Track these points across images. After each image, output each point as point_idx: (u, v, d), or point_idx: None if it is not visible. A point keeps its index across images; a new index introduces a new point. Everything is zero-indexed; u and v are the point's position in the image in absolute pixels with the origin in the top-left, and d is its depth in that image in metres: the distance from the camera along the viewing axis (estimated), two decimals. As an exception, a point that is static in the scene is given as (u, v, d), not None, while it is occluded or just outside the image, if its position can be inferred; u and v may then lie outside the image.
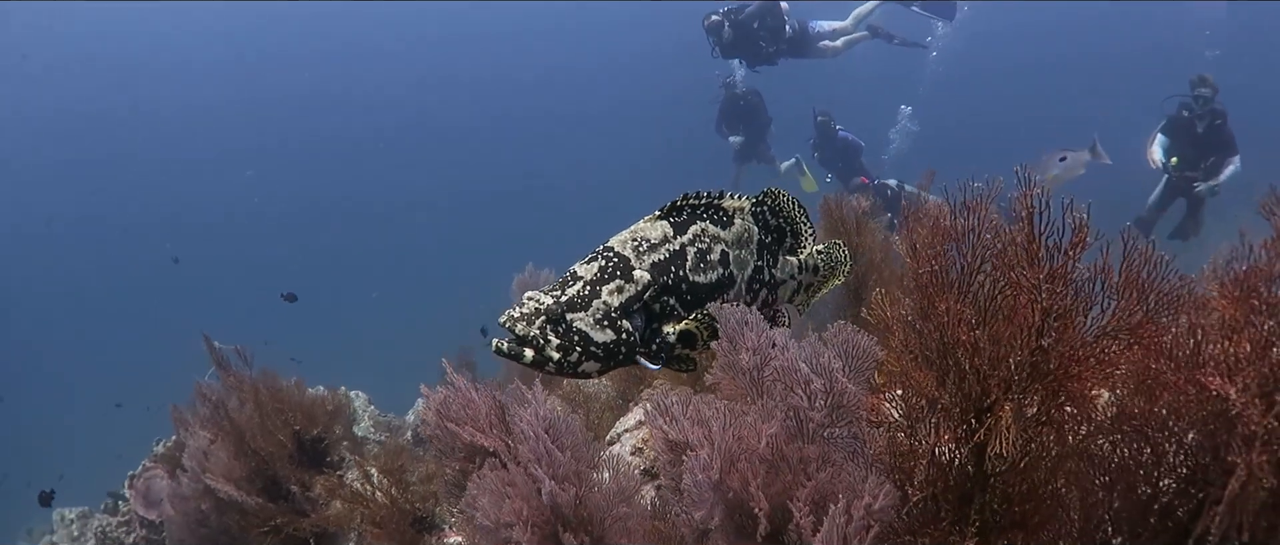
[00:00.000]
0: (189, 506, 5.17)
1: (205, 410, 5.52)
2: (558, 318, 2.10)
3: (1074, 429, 1.49)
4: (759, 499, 1.94)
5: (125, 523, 6.25)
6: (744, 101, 12.45)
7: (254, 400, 5.81)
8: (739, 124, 12.62)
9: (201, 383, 5.72)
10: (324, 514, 5.45)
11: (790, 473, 1.96)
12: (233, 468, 5.35)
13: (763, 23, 11.02)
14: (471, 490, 2.87)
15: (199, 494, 5.11)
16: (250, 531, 5.27)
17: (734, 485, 1.99)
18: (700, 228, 2.30)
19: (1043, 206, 1.42)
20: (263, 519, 5.41)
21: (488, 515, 2.73)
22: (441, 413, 2.90)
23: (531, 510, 2.59)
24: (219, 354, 5.99)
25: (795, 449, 1.96)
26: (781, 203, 2.50)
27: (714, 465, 1.99)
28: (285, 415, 5.97)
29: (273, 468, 5.68)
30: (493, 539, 2.77)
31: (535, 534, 2.60)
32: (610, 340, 2.13)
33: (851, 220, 5.16)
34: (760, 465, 1.96)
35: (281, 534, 5.45)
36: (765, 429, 1.94)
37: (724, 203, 2.36)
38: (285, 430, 5.93)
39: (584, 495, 2.60)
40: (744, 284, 2.38)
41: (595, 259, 2.22)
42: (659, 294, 2.20)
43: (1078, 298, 1.43)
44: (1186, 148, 8.89)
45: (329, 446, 6.19)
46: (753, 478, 1.95)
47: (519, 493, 2.64)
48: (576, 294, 2.14)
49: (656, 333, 2.24)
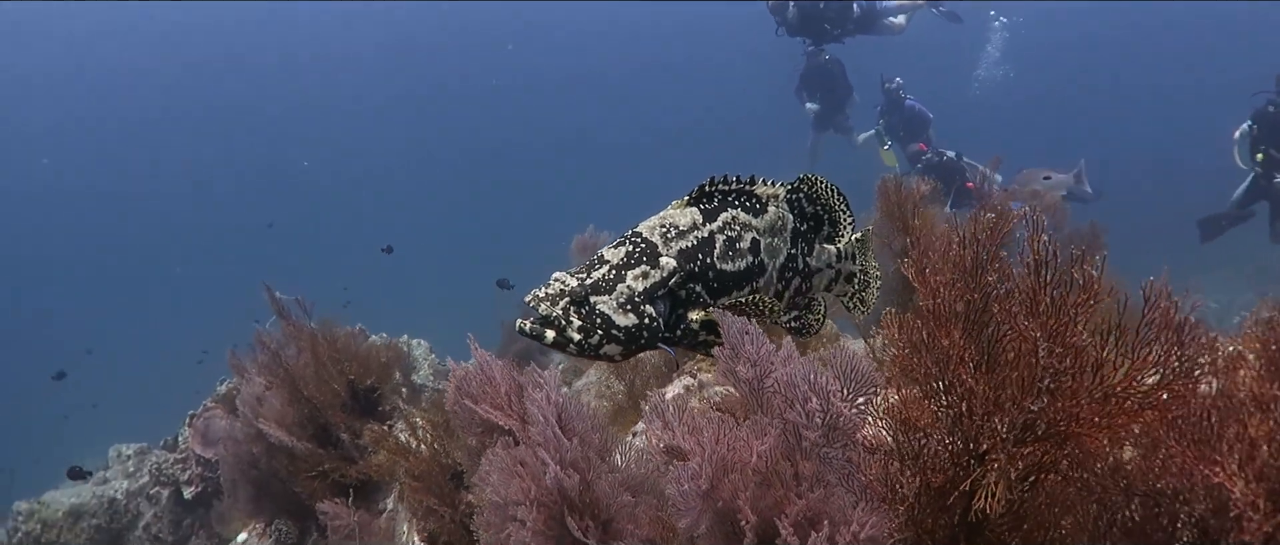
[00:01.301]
0: (240, 449, 5.42)
1: (263, 357, 5.74)
2: (582, 300, 2.09)
3: (1077, 483, 1.38)
4: (747, 513, 1.90)
5: (182, 460, 6.54)
6: (825, 69, 12.13)
7: (310, 349, 6.01)
8: (818, 91, 12.33)
9: (261, 330, 5.95)
10: (369, 462, 5.64)
11: (781, 489, 1.91)
12: (285, 413, 5.57)
13: (828, 3, 10.72)
14: (484, 465, 2.92)
15: (250, 437, 5.34)
16: (298, 476, 5.49)
17: (724, 496, 1.95)
18: (731, 215, 2.27)
19: (1050, 257, 1.30)
20: (311, 464, 5.62)
21: (497, 491, 2.77)
22: (460, 388, 2.94)
23: (539, 491, 2.61)
24: (279, 303, 6.19)
25: (788, 466, 1.90)
26: (819, 189, 2.44)
27: (704, 475, 1.95)
28: (341, 364, 6.17)
29: (324, 415, 5.88)
30: (501, 514, 2.82)
31: (541, 513, 2.63)
32: (632, 324, 2.10)
33: (909, 203, 4.98)
34: (752, 478, 1.91)
35: (328, 479, 5.67)
36: (757, 444, 1.89)
37: (757, 189, 2.33)
38: (340, 379, 6.13)
39: (591, 481, 2.61)
40: (775, 272, 2.33)
41: (623, 244, 2.21)
42: (685, 281, 2.18)
43: (1079, 359, 1.31)
44: (1274, 144, 8.26)
45: (382, 396, 6.37)
46: (742, 491, 1.91)
47: (528, 472, 2.67)
48: (601, 277, 2.13)
49: (682, 319, 2.21)
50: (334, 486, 5.75)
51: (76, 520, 6.28)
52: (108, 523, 6.38)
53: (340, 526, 5.19)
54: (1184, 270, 12.43)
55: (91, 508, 6.31)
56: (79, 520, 6.28)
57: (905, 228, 4.96)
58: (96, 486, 6.54)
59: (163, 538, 6.20)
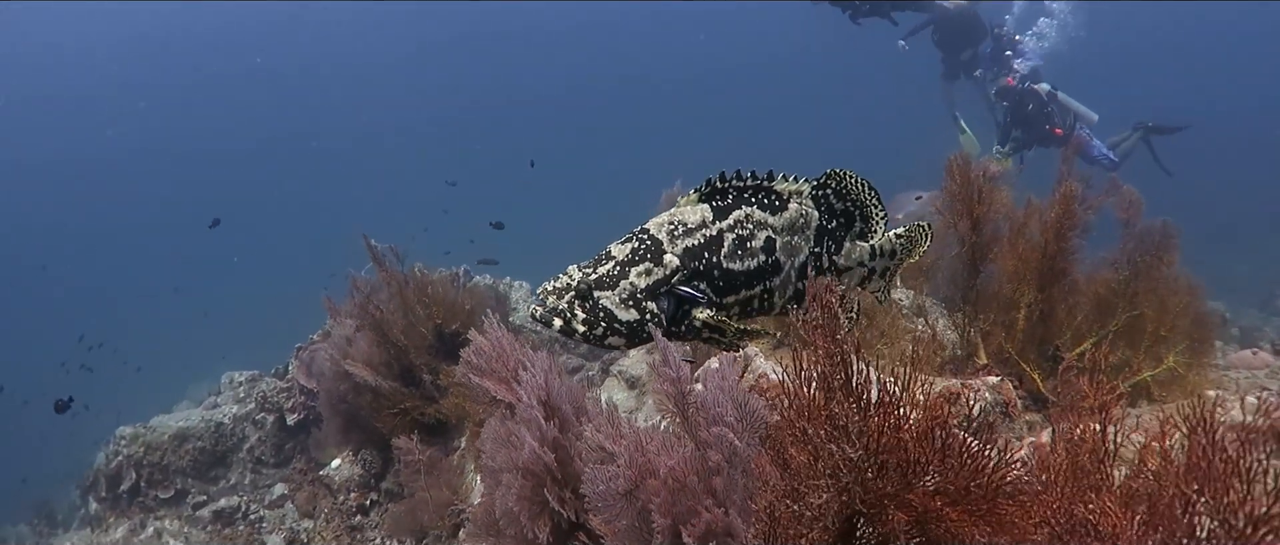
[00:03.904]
0: (330, 385, 5.94)
1: (356, 301, 6.24)
2: (586, 293, 2.16)
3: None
4: (658, 518, 2.03)
5: (287, 389, 7.13)
6: (954, 20, 11.50)
7: (400, 295, 6.48)
8: (946, 42, 11.76)
9: (356, 276, 6.46)
10: (444, 403, 6.07)
11: (691, 501, 2.01)
12: (372, 354, 6.06)
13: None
14: (484, 433, 3.18)
15: (338, 375, 5.85)
16: (380, 412, 5.98)
17: (642, 498, 2.09)
18: (744, 213, 2.25)
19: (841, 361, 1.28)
20: (393, 402, 6.10)
21: (491, 457, 3.04)
22: (467, 361, 3.17)
23: (524, 461, 2.83)
24: (375, 251, 6.67)
25: (695, 481, 2.00)
26: (848, 185, 2.37)
27: (623, 476, 2.09)
28: (429, 309, 6.61)
29: (409, 357, 6.34)
30: (494, 478, 3.08)
31: (526, 481, 2.86)
32: (634, 320, 2.14)
33: (976, 185, 4.77)
34: (664, 486, 2.03)
35: (408, 416, 6.16)
36: (666, 459, 1.99)
37: (777, 185, 2.28)
38: (427, 323, 6.58)
39: (564, 459, 2.80)
40: (794, 271, 2.30)
41: (630, 240, 2.25)
42: (688, 278, 2.20)
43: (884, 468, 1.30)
44: None
45: (467, 340, 6.80)
46: (655, 497, 2.03)
47: (516, 445, 2.90)
48: (606, 273, 2.18)
49: (687, 314, 2.23)
50: (413, 423, 6.23)
51: (181, 443, 6.79)
52: (212, 445, 6.89)
53: (411, 461, 5.67)
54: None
55: (198, 430, 6.84)
56: (184, 443, 6.79)
57: (968, 211, 4.75)
58: (206, 410, 7.20)
59: (265, 460, 6.85)
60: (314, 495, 6.25)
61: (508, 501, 2.91)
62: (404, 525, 5.80)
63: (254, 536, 5.96)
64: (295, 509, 6.23)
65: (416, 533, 5.74)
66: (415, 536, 5.79)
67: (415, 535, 5.79)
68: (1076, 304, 4.30)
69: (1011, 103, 9.52)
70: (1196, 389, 3.88)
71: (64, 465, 9.15)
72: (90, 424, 9.15)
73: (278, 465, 6.76)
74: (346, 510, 5.93)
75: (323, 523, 5.91)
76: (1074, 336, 4.34)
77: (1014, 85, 9.57)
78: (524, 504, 2.87)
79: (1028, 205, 4.70)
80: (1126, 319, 4.17)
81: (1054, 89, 9.57)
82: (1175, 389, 3.97)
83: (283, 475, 6.70)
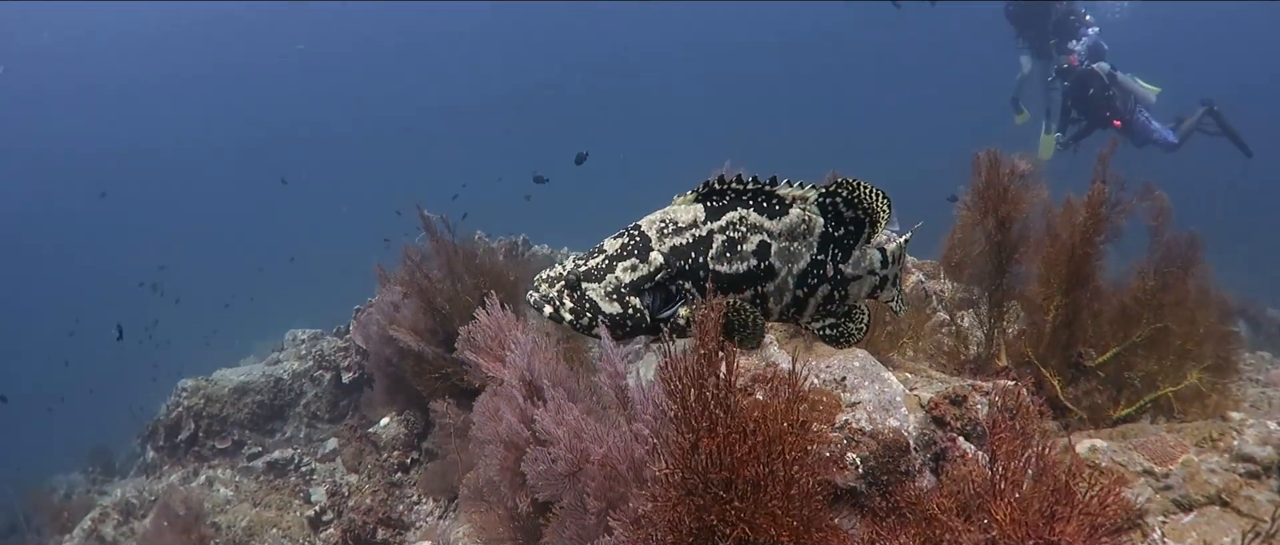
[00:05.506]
0: (377, 347, 6.29)
1: (406, 268, 6.56)
2: (574, 284, 2.25)
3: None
4: (591, 501, 2.17)
5: (344, 348, 7.51)
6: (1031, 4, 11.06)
7: (447, 264, 6.77)
8: (1024, 22, 11.32)
9: (407, 245, 6.78)
10: (483, 372, 6.34)
11: (622, 487, 2.15)
12: (418, 321, 6.36)
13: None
14: (476, 405, 3.39)
15: (384, 340, 6.18)
16: (422, 376, 6.30)
17: (581, 481, 2.24)
18: (738, 215, 2.25)
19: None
20: (435, 367, 6.40)
21: (480, 429, 3.24)
22: (465, 339, 3.38)
23: (504, 433, 3.03)
24: (427, 220, 6.97)
25: (625, 469, 2.14)
26: (859, 194, 2.34)
27: (562, 461, 2.24)
28: (476, 277, 6.89)
29: (453, 324, 6.62)
30: (481, 449, 3.29)
31: (508, 453, 3.06)
32: (617, 313, 2.21)
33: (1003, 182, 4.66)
34: (600, 472, 2.17)
35: (448, 382, 6.46)
36: (597, 448, 2.13)
37: (779, 190, 2.28)
38: (473, 292, 6.86)
39: (540, 437, 2.98)
40: (793, 278, 2.30)
41: (622, 235, 2.32)
42: (673, 277, 2.24)
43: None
44: None
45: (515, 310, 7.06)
46: (591, 481, 2.18)
47: (499, 419, 3.09)
48: (594, 266, 2.26)
49: (673, 312, 2.28)
50: (453, 388, 6.54)
51: (241, 396, 7.16)
52: (271, 399, 7.28)
53: (446, 425, 5.97)
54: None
55: (258, 385, 7.23)
56: (244, 396, 7.17)
57: (994, 210, 4.65)
58: (268, 366, 7.65)
59: (320, 415, 7.26)
60: (360, 451, 6.64)
61: (490, 472, 3.11)
62: (436, 484, 6.14)
63: (301, 487, 6.40)
64: (342, 464, 6.65)
65: (447, 492, 6.07)
66: (446, 496, 6.12)
67: (446, 495, 6.12)
68: (1100, 311, 4.17)
69: (1072, 83, 9.06)
70: (1219, 409, 3.75)
71: (130, 419, 9.37)
72: (164, 385, 9.77)
73: (332, 420, 7.18)
74: (388, 467, 6.29)
75: (365, 477, 6.29)
76: (1097, 345, 4.23)
77: (1076, 66, 9.08)
78: (505, 475, 3.07)
79: (1066, 204, 4.57)
80: (1151, 331, 4.03)
81: (1114, 69, 9.04)
82: (1196, 407, 3.84)
83: (335, 430, 7.13)
